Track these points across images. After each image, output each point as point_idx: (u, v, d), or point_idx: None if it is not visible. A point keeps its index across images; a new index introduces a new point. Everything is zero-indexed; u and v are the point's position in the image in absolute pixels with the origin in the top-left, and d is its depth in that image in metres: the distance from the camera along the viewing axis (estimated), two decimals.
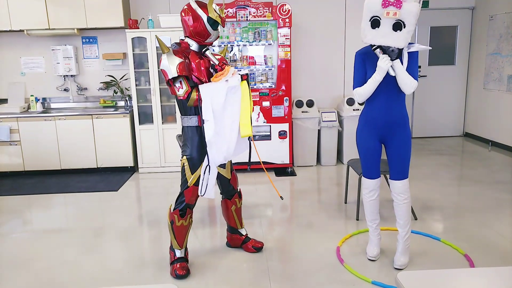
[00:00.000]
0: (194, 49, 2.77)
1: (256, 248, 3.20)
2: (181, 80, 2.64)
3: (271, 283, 2.78)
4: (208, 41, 2.77)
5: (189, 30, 2.72)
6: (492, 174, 4.92)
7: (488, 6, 6.22)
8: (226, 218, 3.23)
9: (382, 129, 2.78)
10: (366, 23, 2.53)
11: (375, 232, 3.02)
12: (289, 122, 5.20)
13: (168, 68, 2.62)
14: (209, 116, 2.61)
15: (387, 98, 2.71)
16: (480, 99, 6.48)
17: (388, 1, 2.40)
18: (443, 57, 6.75)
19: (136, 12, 5.59)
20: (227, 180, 3.07)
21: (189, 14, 2.68)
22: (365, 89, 2.71)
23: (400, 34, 2.45)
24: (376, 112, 2.77)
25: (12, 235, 3.70)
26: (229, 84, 2.60)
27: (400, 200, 2.84)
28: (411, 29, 2.44)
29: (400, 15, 2.40)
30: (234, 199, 3.15)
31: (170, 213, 2.87)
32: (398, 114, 2.75)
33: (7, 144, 5.25)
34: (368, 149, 2.86)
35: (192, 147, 2.80)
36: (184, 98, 2.66)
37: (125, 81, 5.65)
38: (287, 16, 4.94)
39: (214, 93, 2.62)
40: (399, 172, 2.80)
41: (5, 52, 5.62)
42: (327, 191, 4.65)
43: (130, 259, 3.18)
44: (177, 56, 2.64)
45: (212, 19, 2.67)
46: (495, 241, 3.28)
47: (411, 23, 2.42)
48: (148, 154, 5.38)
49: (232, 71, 2.64)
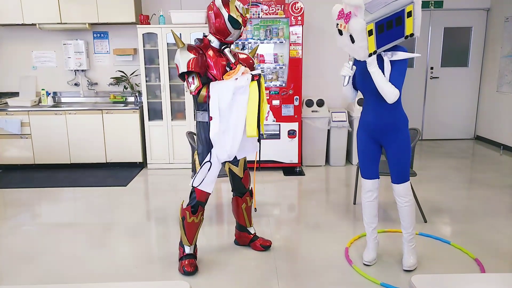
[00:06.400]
0: (215, 46, 2.77)
1: (264, 247, 3.19)
2: (193, 76, 2.66)
3: (279, 282, 2.76)
4: (229, 40, 2.75)
5: (212, 27, 2.73)
6: (503, 178, 4.86)
7: (504, 7, 6.13)
8: (235, 215, 3.23)
9: (375, 132, 2.77)
10: (335, 30, 2.54)
11: (372, 236, 2.99)
12: (299, 121, 5.18)
13: (180, 62, 2.65)
14: (215, 114, 2.62)
15: (376, 103, 2.69)
16: (493, 102, 6.40)
17: (341, 14, 2.42)
18: (456, 58, 6.68)
19: (148, 7, 5.59)
20: (239, 178, 3.07)
21: (212, 10, 2.68)
22: (343, 92, 2.82)
23: (354, 47, 2.46)
24: (368, 117, 2.78)
25: (21, 228, 3.72)
26: (237, 83, 2.59)
27: (402, 203, 2.83)
28: (362, 44, 2.40)
29: (348, 29, 2.40)
30: (245, 197, 3.15)
31: (182, 209, 2.88)
32: (390, 119, 2.70)
33: (18, 137, 5.29)
34: (365, 151, 2.87)
35: (202, 143, 2.81)
36: (195, 94, 2.68)
37: (135, 77, 5.66)
38: (299, 14, 4.90)
39: (221, 91, 2.62)
40: (399, 176, 2.78)
41: (17, 46, 5.65)
42: (336, 191, 4.62)
43: (138, 255, 3.18)
44: (190, 52, 2.65)
45: (233, 18, 2.66)
46: (505, 245, 3.23)
47: (359, 39, 2.39)
48: (157, 150, 5.39)
49: (242, 70, 2.63)
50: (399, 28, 2.47)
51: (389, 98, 2.54)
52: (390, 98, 2.53)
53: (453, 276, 1.64)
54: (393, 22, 2.44)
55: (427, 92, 6.74)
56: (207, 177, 2.76)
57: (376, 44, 2.44)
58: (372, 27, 2.37)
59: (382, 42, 2.46)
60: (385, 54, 2.54)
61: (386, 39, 2.46)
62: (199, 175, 2.76)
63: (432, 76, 6.68)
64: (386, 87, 2.51)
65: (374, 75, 2.53)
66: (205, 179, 2.76)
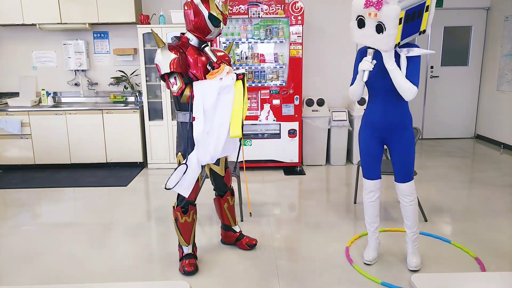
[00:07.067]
0: (194, 44, 2.71)
1: (250, 245, 3.18)
2: (175, 76, 2.60)
3: (280, 282, 2.76)
4: (209, 38, 2.69)
5: (190, 25, 2.66)
6: (504, 177, 4.86)
7: (503, 6, 6.12)
8: (219, 215, 3.22)
9: (381, 132, 2.74)
10: (353, 22, 2.48)
11: (374, 236, 2.98)
12: (299, 120, 5.17)
13: (161, 63, 2.58)
14: (199, 114, 2.56)
15: (385, 101, 2.65)
16: (493, 101, 6.39)
17: (370, 2, 2.34)
18: (456, 57, 6.67)
19: (148, 7, 5.59)
20: (221, 177, 3.05)
21: (191, 8, 2.62)
22: (352, 89, 2.74)
23: (382, 37, 2.36)
24: (375, 115, 2.74)
25: (21, 228, 3.72)
26: (222, 83, 2.55)
27: (406, 202, 2.81)
28: (392, 32, 2.32)
29: (380, 17, 2.32)
30: (226, 197, 3.13)
31: (173, 211, 2.88)
32: (397, 118, 2.68)
33: (18, 138, 5.29)
34: (368, 150, 2.83)
35: (185, 143, 2.76)
36: (178, 95, 2.62)
37: (135, 77, 5.66)
38: (299, 13, 4.90)
39: (206, 91, 2.56)
40: (403, 175, 2.76)
41: (17, 46, 5.65)
42: (336, 191, 4.62)
43: (139, 255, 3.18)
44: (172, 51, 2.58)
45: (213, 16, 2.61)
46: (505, 244, 3.23)
47: (390, 26, 2.31)
48: (157, 150, 5.39)
49: (227, 70, 2.58)
50: (418, 22, 2.40)
51: (408, 95, 2.49)
52: (409, 95, 2.48)
53: (453, 275, 1.64)
54: (416, 14, 2.37)
55: (427, 91, 6.73)
56: (182, 180, 2.66)
57: (401, 36, 2.37)
58: (402, 15, 2.30)
59: (404, 34, 2.39)
60: (400, 50, 2.49)
61: (407, 32, 2.40)
62: (174, 176, 2.65)
63: (432, 75, 6.67)
64: (406, 84, 2.47)
65: (393, 72, 2.47)
66: (180, 182, 2.65)
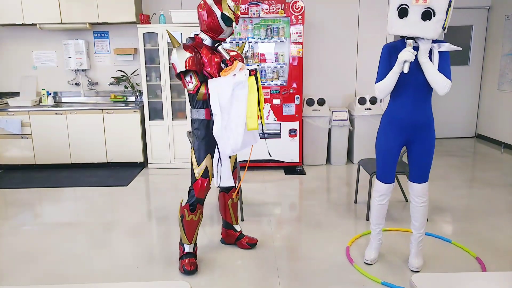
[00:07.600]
0: (207, 44, 2.79)
1: (251, 245, 3.20)
2: (191, 75, 2.69)
3: (280, 281, 2.76)
4: (221, 37, 2.78)
5: (204, 25, 2.75)
6: (504, 177, 4.85)
7: (504, 5, 6.12)
8: (222, 212, 3.24)
9: (407, 130, 2.64)
10: (393, 13, 2.41)
11: (377, 236, 2.97)
12: (300, 120, 5.17)
13: (177, 62, 2.66)
14: (217, 110, 2.65)
15: (415, 97, 2.58)
16: (494, 101, 6.38)
17: None
18: (457, 57, 6.65)
19: (148, 7, 5.59)
20: None
21: (204, 9, 2.70)
22: (384, 83, 2.56)
23: (429, 24, 2.31)
24: (401, 112, 2.63)
25: (22, 228, 3.72)
26: (236, 79, 2.62)
27: (418, 202, 2.78)
28: (441, 17, 2.28)
29: (430, 2, 2.27)
30: (231, 193, 3.16)
31: (180, 207, 2.89)
32: (425, 116, 2.62)
33: (19, 137, 5.29)
34: (388, 152, 2.73)
35: (199, 139, 2.83)
36: (194, 93, 2.71)
37: (136, 77, 5.66)
38: (300, 13, 4.90)
39: (221, 87, 2.65)
40: (420, 175, 2.72)
41: (17, 46, 5.65)
42: (337, 190, 4.62)
43: (139, 255, 3.18)
44: (187, 50, 2.67)
45: (226, 16, 2.69)
46: (506, 244, 3.23)
47: (441, 10, 2.27)
48: (157, 150, 5.38)
49: (239, 66, 2.66)
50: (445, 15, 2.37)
51: (442, 90, 2.46)
52: (444, 90, 2.46)
53: (454, 274, 1.64)
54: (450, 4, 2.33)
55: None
56: (222, 173, 2.78)
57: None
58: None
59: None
60: (432, 45, 2.46)
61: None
62: (216, 175, 2.79)
63: None
64: (441, 78, 2.45)
65: (426, 65, 2.44)
66: (222, 176, 2.78)
